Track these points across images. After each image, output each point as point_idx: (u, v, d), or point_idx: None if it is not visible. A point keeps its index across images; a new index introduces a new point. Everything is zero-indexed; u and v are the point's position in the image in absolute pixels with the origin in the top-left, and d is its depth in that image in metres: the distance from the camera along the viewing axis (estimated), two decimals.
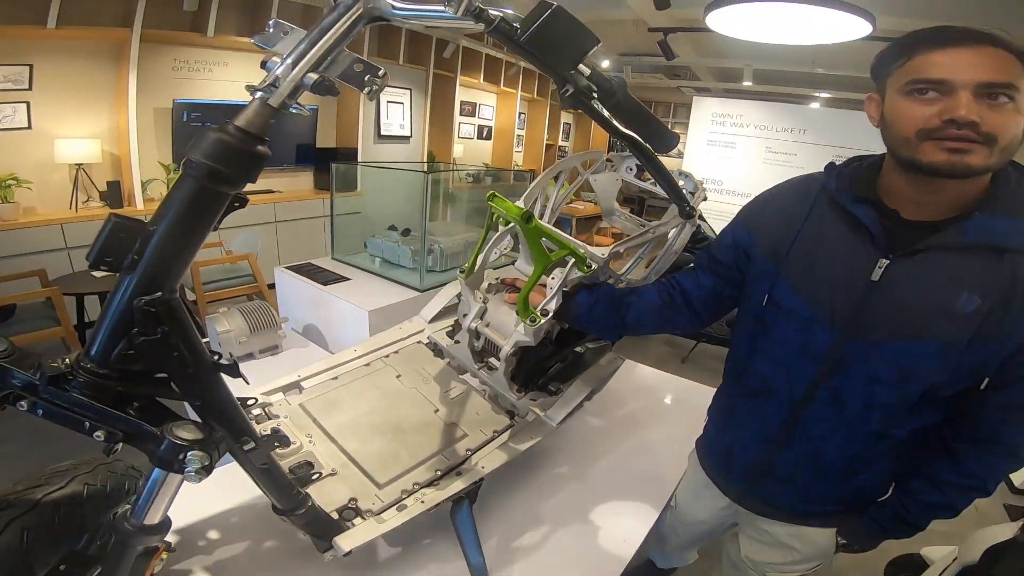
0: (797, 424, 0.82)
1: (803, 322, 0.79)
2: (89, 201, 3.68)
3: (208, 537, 0.95)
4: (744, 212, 0.94)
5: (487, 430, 1.03)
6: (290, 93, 0.54)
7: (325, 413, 0.99)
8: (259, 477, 0.68)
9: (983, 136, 0.63)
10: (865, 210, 0.76)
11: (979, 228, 0.68)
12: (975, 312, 0.67)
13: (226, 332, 1.45)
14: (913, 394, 0.73)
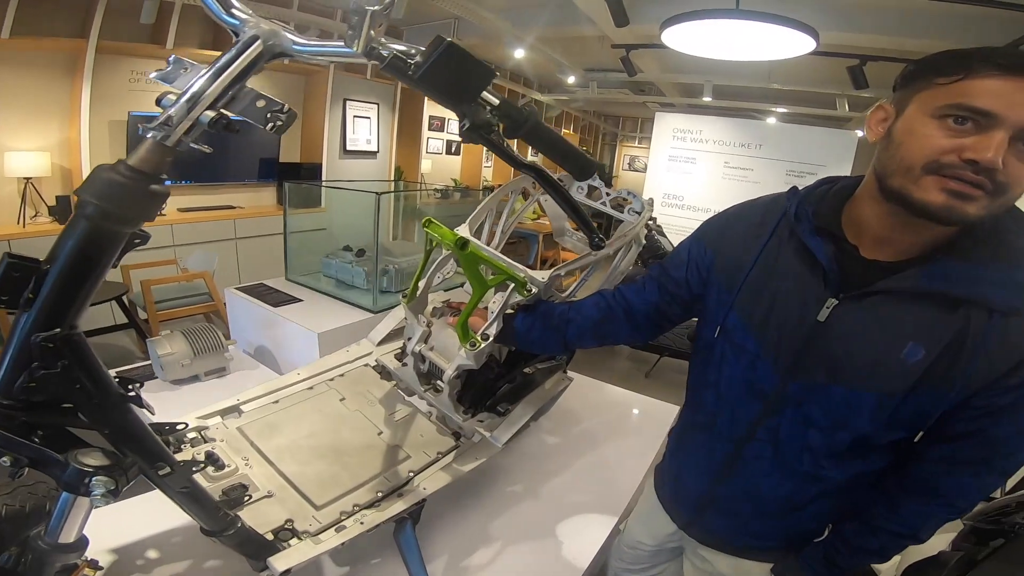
0: (738, 459, 0.80)
1: (750, 358, 0.75)
2: (38, 216, 3.54)
3: (147, 557, 0.94)
4: (705, 228, 0.89)
5: (431, 452, 1.03)
6: (186, 132, 0.54)
7: (263, 436, 0.98)
8: (180, 501, 0.68)
9: (995, 185, 0.56)
10: (821, 243, 0.70)
11: (937, 275, 0.62)
12: (917, 364, 0.63)
13: (168, 355, 1.41)
14: (843, 441, 0.70)
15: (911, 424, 0.68)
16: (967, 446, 0.66)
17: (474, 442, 1.09)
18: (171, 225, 3.98)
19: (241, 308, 1.88)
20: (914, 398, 0.64)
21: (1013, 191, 0.57)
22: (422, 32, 5.05)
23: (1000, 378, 0.61)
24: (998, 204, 0.58)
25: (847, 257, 0.69)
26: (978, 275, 0.62)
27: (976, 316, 0.61)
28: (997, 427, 0.64)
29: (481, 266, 0.95)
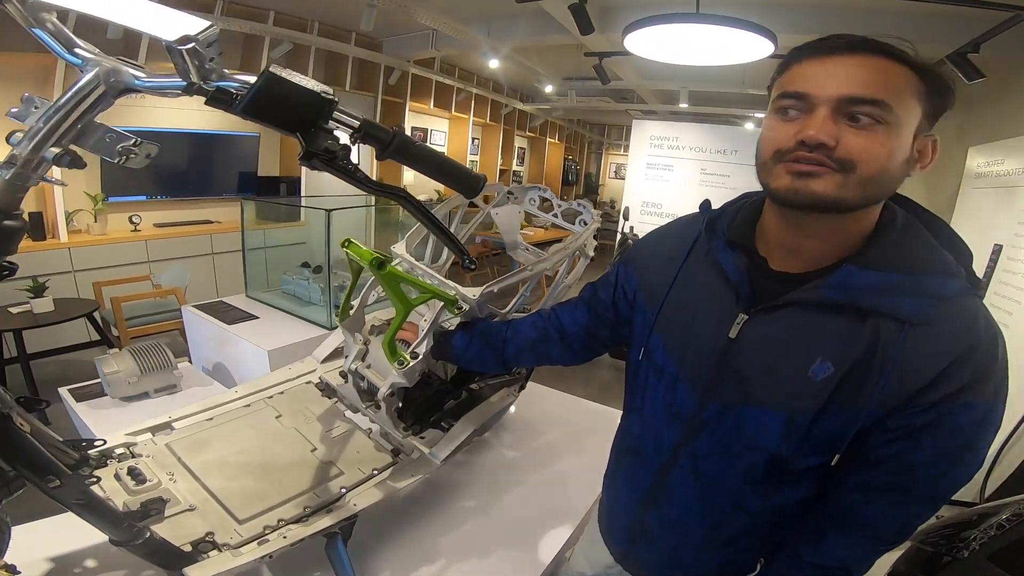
0: (663, 487, 0.76)
1: (670, 380, 0.73)
2: None
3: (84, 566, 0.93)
4: (633, 249, 0.88)
5: (366, 468, 1.03)
6: (34, 168, 0.54)
7: (191, 452, 0.98)
8: (78, 512, 0.68)
9: (837, 162, 0.55)
10: (731, 257, 0.68)
11: (841, 284, 0.59)
12: (826, 380, 0.59)
13: (114, 373, 1.40)
14: (757, 466, 0.66)
15: (827, 447, 0.63)
16: (885, 472, 0.61)
17: (413, 459, 1.09)
18: (146, 241, 3.95)
19: (197, 326, 1.87)
20: (825, 418, 0.60)
21: (864, 166, 0.55)
22: (401, 43, 5.10)
23: (915, 395, 0.56)
24: (858, 183, 0.56)
25: (758, 271, 0.67)
26: (886, 283, 0.58)
27: (886, 328, 0.57)
28: (917, 450, 0.59)
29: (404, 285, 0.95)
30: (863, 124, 0.55)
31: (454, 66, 6.21)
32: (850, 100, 0.54)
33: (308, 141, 0.58)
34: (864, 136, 0.55)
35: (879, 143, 0.55)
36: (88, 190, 3.76)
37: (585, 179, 11.73)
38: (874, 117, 0.54)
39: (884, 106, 0.54)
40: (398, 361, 0.98)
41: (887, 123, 0.54)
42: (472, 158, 7.51)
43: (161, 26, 0.52)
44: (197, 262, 4.15)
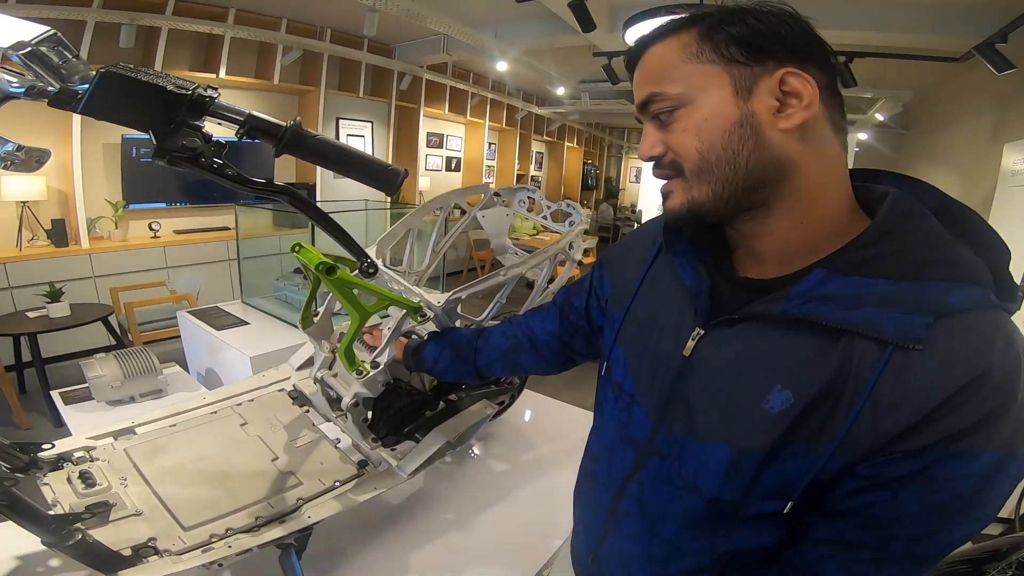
0: (613, 516, 0.67)
1: (627, 401, 0.64)
2: (35, 239, 3.64)
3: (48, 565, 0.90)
4: (607, 252, 0.81)
5: (327, 480, 0.99)
6: None
7: (148, 458, 0.96)
8: (3, 512, 0.67)
9: (670, 168, 0.53)
10: (690, 260, 0.59)
11: (807, 294, 0.48)
12: (782, 414, 0.48)
13: (97, 377, 1.40)
14: (695, 507, 0.56)
15: (781, 492, 0.50)
16: (854, 526, 0.48)
17: (380, 471, 1.05)
18: (164, 247, 4.05)
19: (190, 331, 1.88)
20: (779, 460, 0.49)
21: (685, 161, 0.51)
22: (413, 48, 5.13)
23: (892, 440, 0.43)
24: (692, 180, 0.52)
25: (724, 277, 0.58)
26: (867, 293, 0.46)
27: (862, 351, 0.45)
28: (894, 504, 0.45)
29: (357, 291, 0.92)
30: (665, 121, 0.52)
31: (468, 71, 6.23)
32: (641, 107, 0.53)
33: (161, 138, 0.56)
34: (671, 131, 0.51)
35: (680, 129, 0.51)
36: (109, 197, 3.88)
37: (605, 183, 11.62)
38: (664, 111, 0.51)
39: (660, 97, 0.51)
40: (356, 371, 0.94)
41: (682, 105, 0.50)
42: (489, 163, 7.52)
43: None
44: (214, 268, 4.24)
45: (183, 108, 0.56)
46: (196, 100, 0.56)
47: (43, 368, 2.75)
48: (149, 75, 0.54)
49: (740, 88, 0.49)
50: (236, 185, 0.61)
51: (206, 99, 0.56)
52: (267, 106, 4.67)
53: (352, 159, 0.66)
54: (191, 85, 0.56)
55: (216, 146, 0.59)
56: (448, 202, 1.41)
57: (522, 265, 1.13)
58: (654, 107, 0.52)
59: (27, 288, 3.32)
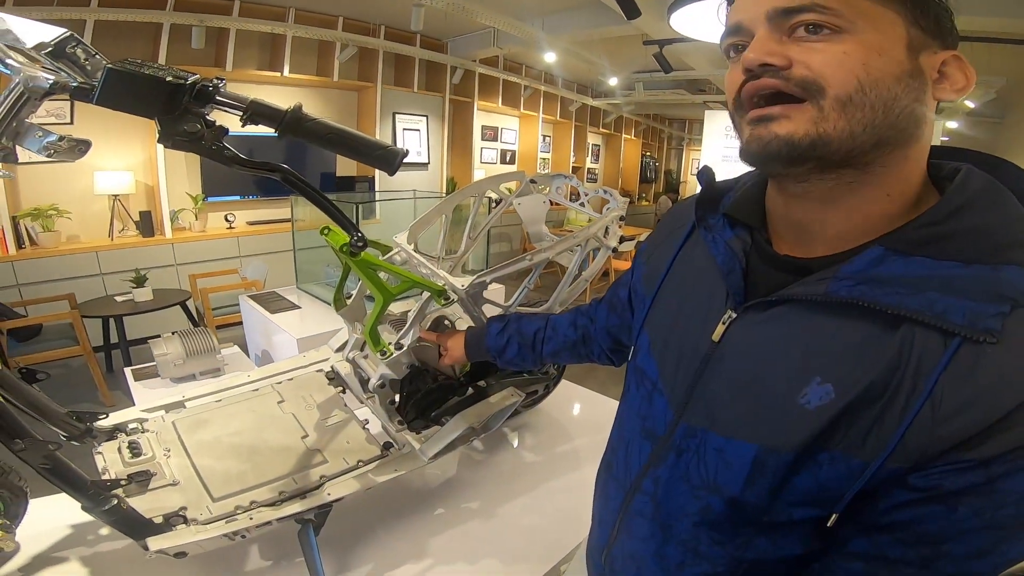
0: (627, 512, 0.63)
1: (648, 388, 0.60)
2: (125, 230, 4.00)
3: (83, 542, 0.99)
4: (652, 233, 0.76)
5: (351, 459, 1.02)
6: None
7: (191, 431, 1.02)
8: (45, 476, 0.73)
9: (798, 85, 0.42)
10: (723, 237, 0.54)
11: (860, 274, 0.42)
12: (821, 410, 0.42)
13: (162, 355, 1.52)
14: (714, 508, 0.51)
15: (815, 499, 0.45)
16: (898, 542, 0.42)
17: (403, 453, 1.07)
18: (238, 238, 4.34)
19: (249, 314, 2.00)
20: (813, 464, 0.43)
21: (834, 82, 0.41)
22: (464, 43, 5.17)
23: (956, 447, 0.38)
24: (831, 107, 0.41)
25: (761, 256, 0.52)
26: (932, 275, 0.40)
27: (923, 342, 0.39)
28: (949, 519, 0.39)
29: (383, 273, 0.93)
30: (811, 35, 0.42)
31: (520, 63, 6.22)
32: (784, 12, 0.42)
33: (164, 125, 0.60)
34: (820, 48, 0.41)
35: (842, 51, 0.41)
36: (190, 191, 4.20)
37: (665, 176, 11.26)
38: (823, 24, 0.41)
39: (827, 10, 0.41)
40: (381, 351, 0.96)
41: (843, 29, 0.41)
42: (543, 155, 7.48)
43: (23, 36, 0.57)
44: (280, 256, 4.49)
45: (185, 97, 0.59)
46: (199, 89, 0.60)
47: (127, 349, 3.03)
48: (152, 68, 0.59)
49: (912, 46, 0.42)
50: (235, 165, 0.64)
51: (208, 88, 0.60)
52: (327, 103, 4.87)
53: (350, 140, 0.67)
54: (190, 76, 0.60)
55: (218, 130, 0.62)
56: (482, 189, 1.41)
57: (549, 250, 1.11)
58: (806, 17, 0.41)
59: (116, 275, 3.66)
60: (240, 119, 0.64)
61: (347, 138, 0.67)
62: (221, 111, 0.63)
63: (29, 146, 0.62)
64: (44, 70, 0.60)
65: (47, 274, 3.45)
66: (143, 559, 0.88)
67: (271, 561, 1.01)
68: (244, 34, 4.01)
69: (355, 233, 0.79)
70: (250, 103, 0.63)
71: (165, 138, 0.60)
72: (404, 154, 0.69)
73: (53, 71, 0.60)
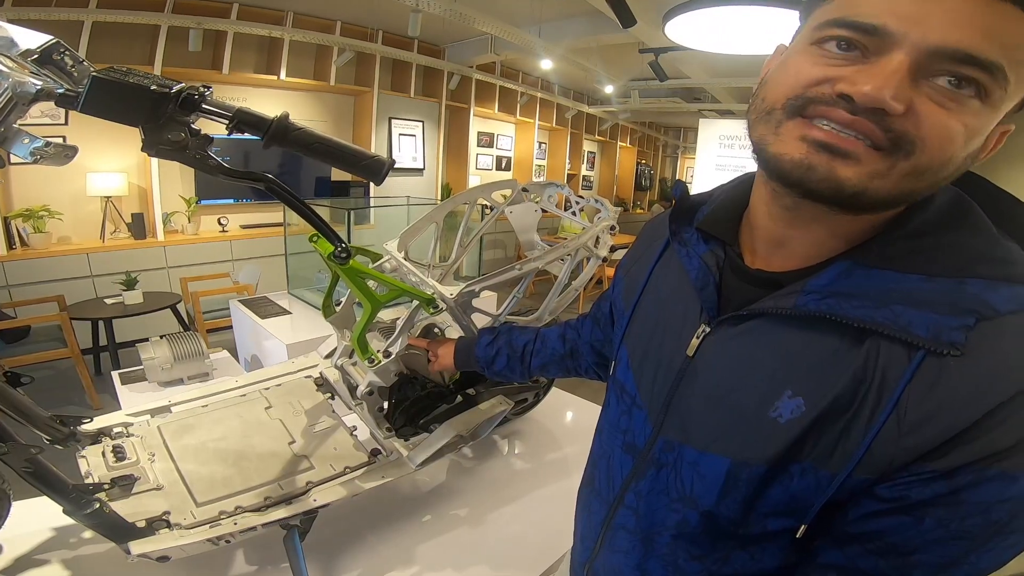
0: (609, 526, 0.63)
1: (628, 402, 0.61)
2: (117, 232, 3.98)
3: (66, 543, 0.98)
4: (632, 246, 0.75)
5: (338, 465, 1.02)
6: None
7: (176, 436, 1.02)
8: (27, 479, 0.73)
9: (891, 138, 0.37)
10: (694, 250, 0.54)
11: (826, 288, 0.43)
12: (792, 423, 0.43)
13: (150, 359, 1.51)
14: (690, 521, 0.51)
15: (787, 510, 0.45)
16: (867, 552, 0.42)
17: (391, 461, 1.06)
18: (230, 241, 4.32)
19: (240, 319, 1.99)
20: (785, 475, 0.44)
21: (928, 152, 0.37)
22: (462, 49, 5.20)
23: (920, 458, 0.38)
24: (901, 171, 0.37)
25: (733, 269, 0.52)
26: (895, 289, 0.40)
27: (887, 355, 0.40)
28: (916, 529, 0.40)
29: (371, 282, 0.93)
30: (955, 95, 0.36)
31: (517, 70, 6.25)
32: (952, 56, 0.35)
33: (147, 133, 0.60)
34: (948, 111, 0.36)
35: (963, 124, 0.36)
36: (183, 194, 4.18)
37: (660, 184, 11.32)
38: (977, 87, 0.35)
39: (999, 74, 0.35)
40: (369, 359, 0.96)
41: (986, 99, 0.36)
42: (539, 162, 7.50)
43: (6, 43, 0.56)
44: (272, 261, 4.48)
45: (169, 105, 0.59)
46: (184, 98, 0.60)
47: (116, 352, 3.01)
48: (136, 77, 0.59)
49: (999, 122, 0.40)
50: (219, 174, 0.64)
51: (194, 96, 0.60)
52: (324, 107, 4.88)
53: (336, 151, 0.68)
54: (174, 85, 0.59)
55: (203, 139, 0.62)
56: (474, 197, 1.41)
57: (538, 260, 1.11)
58: (971, 72, 0.35)
59: (107, 277, 3.64)
60: (226, 127, 0.64)
61: (333, 148, 0.67)
62: (208, 119, 0.63)
63: (16, 151, 0.61)
64: (32, 76, 0.60)
65: (37, 275, 3.43)
66: (125, 563, 0.88)
67: (256, 566, 1.00)
68: (242, 37, 4.01)
69: (339, 244, 0.80)
70: (236, 111, 0.63)
71: (149, 146, 0.60)
72: (391, 164, 0.69)
73: (40, 77, 0.60)
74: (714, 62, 4.33)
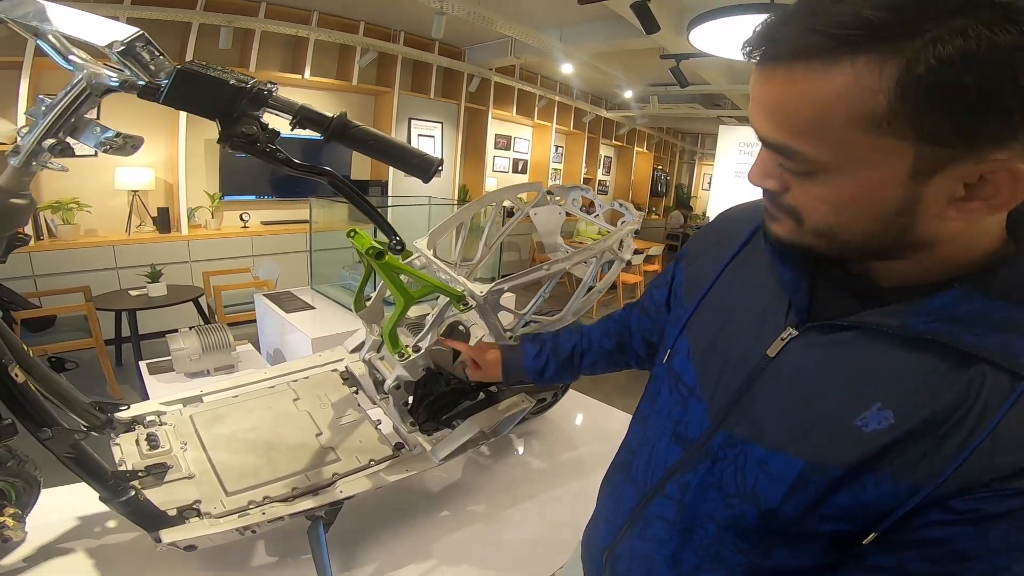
0: (641, 514, 0.63)
1: (684, 394, 0.61)
2: (142, 225, 4.06)
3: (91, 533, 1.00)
4: (694, 236, 0.76)
5: (363, 458, 1.04)
6: (30, 155, 0.62)
7: (208, 425, 1.04)
8: (68, 465, 0.75)
9: (785, 212, 0.46)
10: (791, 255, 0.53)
11: (940, 312, 0.43)
12: (878, 434, 0.43)
13: (179, 350, 1.55)
14: (747, 517, 0.52)
15: (851, 516, 0.46)
16: (924, 559, 0.43)
17: (414, 454, 1.08)
18: (251, 237, 4.39)
19: (264, 313, 2.02)
20: (860, 483, 0.44)
21: (809, 219, 0.44)
22: (482, 51, 5.23)
23: (1004, 477, 0.40)
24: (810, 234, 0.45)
25: (825, 274, 0.52)
26: (1011, 319, 0.41)
27: (993, 381, 0.40)
28: (979, 540, 0.41)
29: (405, 277, 0.95)
30: (794, 172, 0.43)
31: (536, 73, 6.27)
32: (763, 144, 0.44)
33: (224, 126, 0.62)
34: (799, 186, 0.44)
35: (812, 195, 0.43)
36: (208, 189, 4.26)
37: (676, 190, 11.26)
38: (802, 169, 0.42)
39: (794, 155, 0.41)
40: (399, 353, 0.98)
41: (815, 172, 0.41)
42: (555, 166, 7.51)
43: (95, 33, 0.58)
44: (292, 257, 4.53)
45: (244, 100, 0.62)
46: (256, 93, 0.62)
47: (138, 343, 3.07)
48: (216, 71, 0.61)
49: (920, 170, 0.38)
50: (285, 167, 0.66)
51: (264, 92, 0.62)
52: (346, 106, 4.87)
53: (390, 148, 0.70)
54: (250, 80, 0.62)
55: (271, 133, 0.65)
56: (500, 198, 1.43)
57: (566, 261, 1.12)
58: (782, 160, 0.43)
59: (131, 269, 3.71)
60: (289, 123, 0.66)
61: (387, 145, 0.69)
62: (273, 114, 0.65)
63: (86, 141, 0.64)
64: (108, 68, 0.63)
65: (64, 266, 3.51)
66: (147, 552, 0.89)
67: (276, 558, 1.02)
68: (268, 36, 4.08)
69: (394, 236, 0.82)
70: (299, 108, 0.65)
71: (225, 139, 0.62)
72: (439, 163, 0.71)
73: (119, 69, 0.62)
74: (735, 68, 4.31)
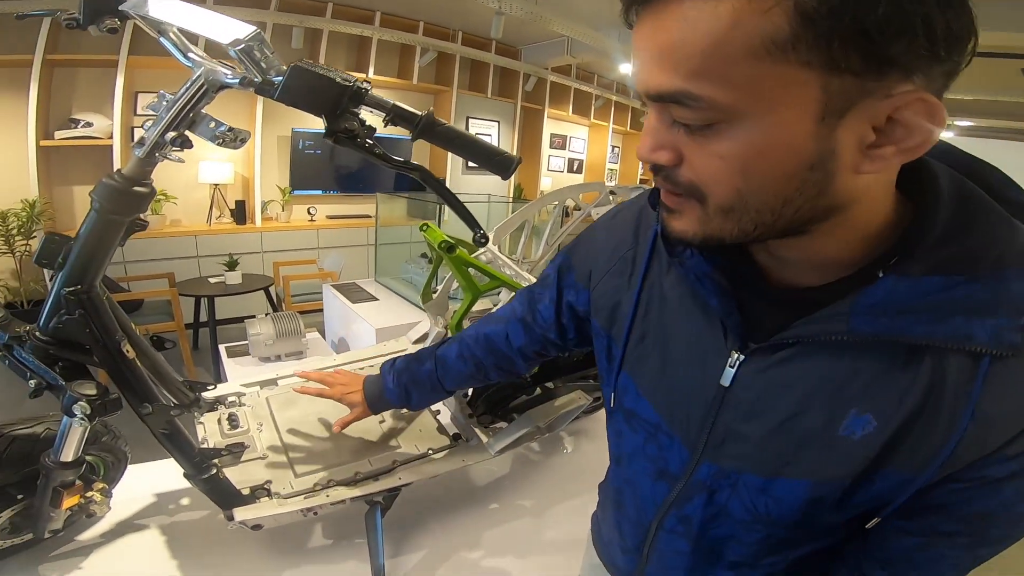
0: (654, 546, 0.61)
1: (650, 429, 0.57)
2: (221, 217, 4.36)
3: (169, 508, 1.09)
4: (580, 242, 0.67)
5: (422, 447, 1.08)
6: (154, 146, 0.68)
7: (282, 408, 1.11)
8: (161, 440, 0.81)
9: (686, 191, 0.38)
10: (703, 271, 0.47)
11: (878, 307, 0.40)
12: (868, 438, 0.42)
13: (256, 335, 1.66)
14: (776, 535, 0.51)
15: (868, 507, 0.47)
16: (951, 519, 0.45)
17: (470, 445, 1.11)
18: (318, 230, 4.62)
19: (331, 302, 2.13)
20: (867, 482, 0.44)
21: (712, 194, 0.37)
22: (538, 50, 5.23)
23: (1001, 447, 0.40)
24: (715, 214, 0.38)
25: (747, 287, 0.47)
26: (949, 300, 0.38)
27: (956, 365, 0.39)
28: (995, 497, 0.42)
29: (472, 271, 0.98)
30: (692, 130, 0.35)
31: (592, 73, 6.20)
32: (653, 99, 0.36)
33: (330, 121, 0.66)
34: (698, 148, 0.36)
35: (716, 154, 0.35)
36: (280, 184, 4.52)
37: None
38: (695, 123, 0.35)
39: (693, 101, 0.33)
40: None
41: (720, 121, 0.34)
42: (612, 166, 7.41)
43: (218, 31, 0.63)
44: (355, 250, 4.74)
45: (347, 97, 0.65)
46: (356, 91, 0.66)
47: (215, 328, 3.30)
48: (323, 69, 0.65)
49: (831, 110, 0.32)
50: (381, 162, 0.71)
51: (363, 90, 0.66)
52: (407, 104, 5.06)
53: (474, 145, 0.73)
54: (352, 79, 0.66)
55: (369, 129, 0.69)
56: (563, 197, 1.44)
57: None
58: (677, 112, 0.35)
59: (211, 258, 4.00)
60: (383, 120, 0.70)
61: (470, 143, 0.73)
62: (368, 112, 0.69)
63: (201, 134, 0.70)
64: (223, 65, 0.68)
65: (150, 254, 3.82)
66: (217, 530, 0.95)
67: (331, 540, 1.08)
68: (335, 36, 4.28)
69: (479, 229, 0.85)
70: (392, 106, 0.70)
71: (330, 134, 0.67)
72: (519, 161, 0.74)
73: (233, 66, 0.67)
74: None
